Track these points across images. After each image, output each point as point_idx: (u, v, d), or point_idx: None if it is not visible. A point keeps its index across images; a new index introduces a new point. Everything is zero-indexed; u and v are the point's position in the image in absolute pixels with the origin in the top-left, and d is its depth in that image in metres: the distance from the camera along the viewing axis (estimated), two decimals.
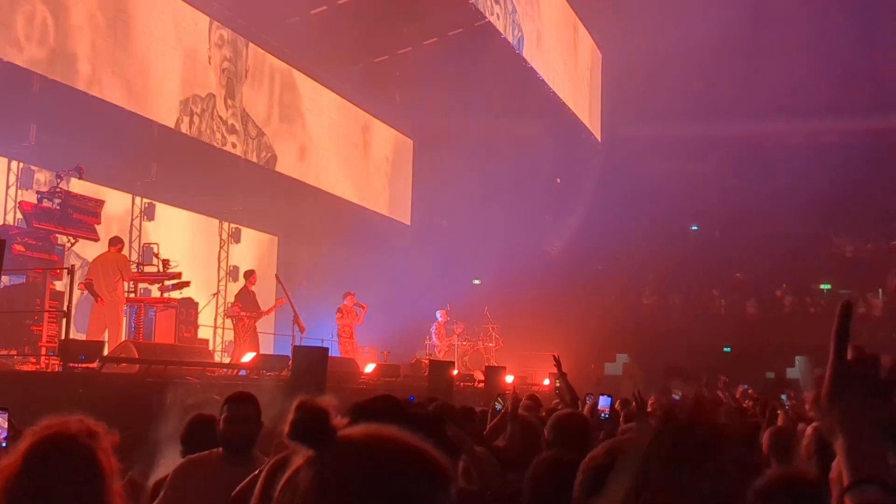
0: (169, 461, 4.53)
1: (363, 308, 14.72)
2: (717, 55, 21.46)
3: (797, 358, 20.17)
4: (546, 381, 15.47)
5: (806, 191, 20.51)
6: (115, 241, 11.10)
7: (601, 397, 7.59)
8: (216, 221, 17.34)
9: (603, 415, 7.50)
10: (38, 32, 12.12)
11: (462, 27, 17.84)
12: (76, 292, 9.49)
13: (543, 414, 6.76)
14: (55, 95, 12.22)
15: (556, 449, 3.60)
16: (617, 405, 9.08)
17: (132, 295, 11.56)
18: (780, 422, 5.74)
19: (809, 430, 4.14)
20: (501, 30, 18.05)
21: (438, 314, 16.89)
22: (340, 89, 19.17)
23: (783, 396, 13.17)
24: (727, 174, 22.88)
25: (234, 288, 15.90)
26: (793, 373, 20.05)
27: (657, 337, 20.22)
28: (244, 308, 12.77)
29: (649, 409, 7.74)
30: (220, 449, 3.62)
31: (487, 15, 17.31)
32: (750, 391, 13.05)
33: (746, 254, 21.51)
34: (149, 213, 15.55)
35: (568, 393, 7.69)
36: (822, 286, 23.13)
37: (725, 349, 20.61)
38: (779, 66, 20.80)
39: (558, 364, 8.73)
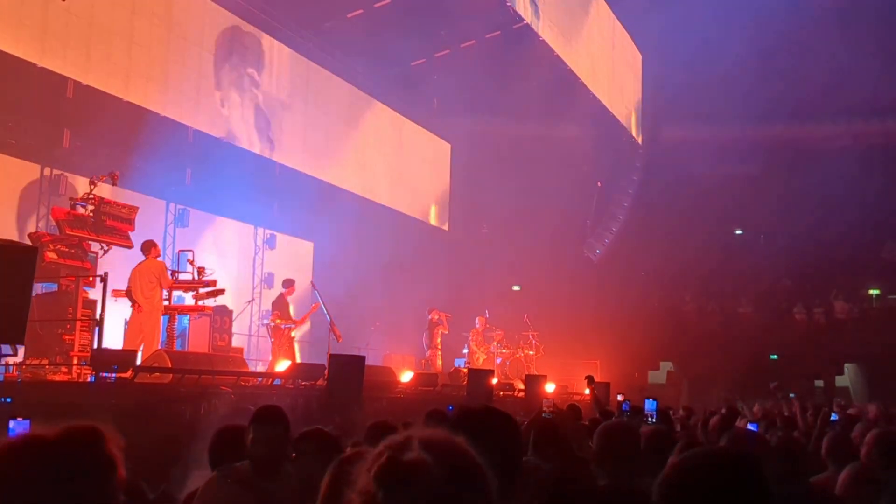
0: (203, 473, 4.36)
1: (447, 316, 15.72)
2: (760, 56, 20.85)
3: (847, 366, 19.55)
4: (588, 391, 15.03)
5: (853, 194, 19.85)
6: (149, 247, 10.88)
7: (647, 401, 7.27)
8: (251, 227, 17.18)
9: (650, 419, 7.17)
10: (72, 38, 12.04)
11: (500, 30, 17.52)
12: (109, 300, 9.31)
13: (587, 423, 6.49)
14: (89, 101, 12.12)
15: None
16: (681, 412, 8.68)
17: (166, 303, 11.37)
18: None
19: (870, 436, 4.27)
20: (539, 32, 17.68)
21: (477, 321, 16.55)
22: (377, 93, 18.95)
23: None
24: (772, 177, 22.18)
25: (269, 295, 15.72)
26: (842, 381, 19.43)
27: (701, 344, 19.68)
28: (281, 316, 12.56)
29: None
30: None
31: (525, 17, 16.97)
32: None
33: (793, 259, 20.84)
34: (183, 220, 15.43)
35: (598, 406, 7.51)
36: (872, 291, 22.43)
37: (772, 357, 20.01)
38: (824, 67, 20.14)
39: (590, 383, 8.40)
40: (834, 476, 4.16)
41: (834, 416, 9.65)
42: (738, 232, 23.84)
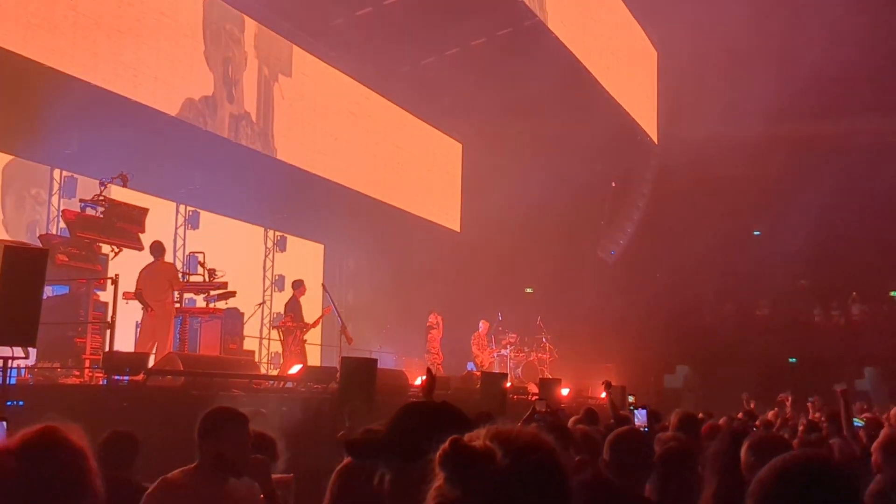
0: None
1: (443, 319, 15.40)
2: (779, 52, 20.56)
3: (866, 369, 19.28)
4: (603, 395, 14.84)
5: (874, 193, 19.54)
6: (160, 249, 10.79)
7: (637, 411, 7.12)
8: (261, 229, 17.06)
9: (644, 428, 7.01)
10: (80, 38, 11.93)
11: (511, 27, 17.33)
12: (120, 303, 9.21)
13: (601, 428, 6.35)
14: (98, 102, 12.01)
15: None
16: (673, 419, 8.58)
17: (177, 305, 11.26)
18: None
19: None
20: (552, 29, 17.49)
21: (480, 325, 16.32)
22: (387, 92, 18.80)
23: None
24: (791, 176, 21.84)
25: (280, 298, 15.61)
26: (862, 384, 19.16)
27: (719, 347, 19.43)
28: (293, 319, 12.42)
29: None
30: (195, 465, 3.41)
31: (539, 15, 16.79)
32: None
33: (812, 260, 20.55)
34: (193, 222, 15.32)
35: (613, 411, 7.44)
36: (893, 293, 22.14)
37: (791, 360, 19.76)
38: (844, 62, 19.80)
39: (607, 388, 8.26)
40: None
41: (857, 423, 9.39)
42: (757, 233, 23.48)
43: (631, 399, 10.84)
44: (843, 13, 18.91)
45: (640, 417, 7.06)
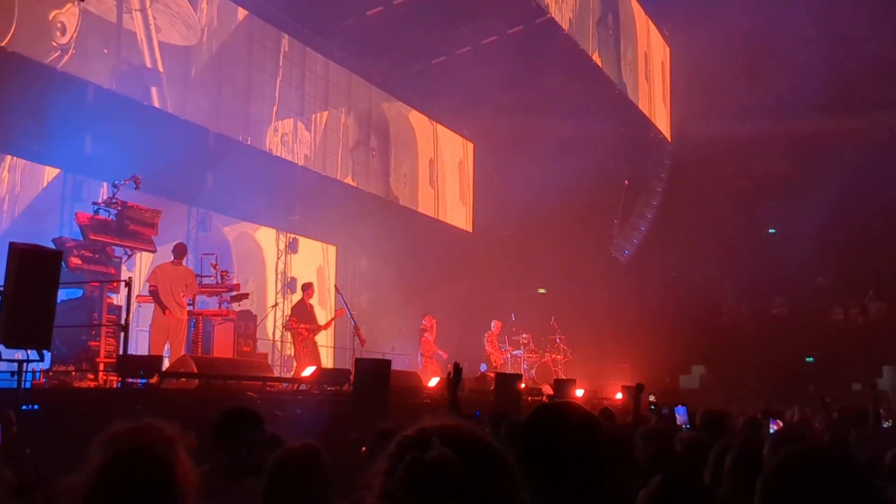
0: None
1: (436, 322, 15.14)
2: (793, 48, 20.34)
3: (885, 368, 19.04)
4: (619, 395, 14.72)
5: (890, 189, 19.28)
6: (183, 251, 10.83)
7: (677, 409, 6.99)
8: (273, 231, 17.02)
9: (685, 426, 6.89)
10: (91, 41, 11.93)
11: (523, 24, 17.23)
12: (134, 305, 9.20)
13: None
14: (110, 105, 12.01)
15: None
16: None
17: (190, 308, 11.24)
18: None
19: None
20: (564, 26, 17.37)
21: (493, 325, 16.22)
22: (397, 92, 18.74)
23: None
24: (806, 173, 21.60)
25: (293, 300, 15.58)
26: (882, 384, 18.93)
27: (735, 347, 19.22)
28: (301, 321, 12.37)
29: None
30: (210, 466, 3.33)
31: (550, 12, 16.68)
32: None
33: (829, 257, 20.30)
34: (205, 224, 15.30)
35: (634, 412, 7.44)
36: None
37: (808, 359, 19.53)
38: (861, 57, 19.60)
39: (638, 391, 8.20)
40: None
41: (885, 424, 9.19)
42: (772, 231, 23.24)
43: (652, 398, 10.73)
44: (858, 9, 18.74)
45: (680, 415, 6.89)
